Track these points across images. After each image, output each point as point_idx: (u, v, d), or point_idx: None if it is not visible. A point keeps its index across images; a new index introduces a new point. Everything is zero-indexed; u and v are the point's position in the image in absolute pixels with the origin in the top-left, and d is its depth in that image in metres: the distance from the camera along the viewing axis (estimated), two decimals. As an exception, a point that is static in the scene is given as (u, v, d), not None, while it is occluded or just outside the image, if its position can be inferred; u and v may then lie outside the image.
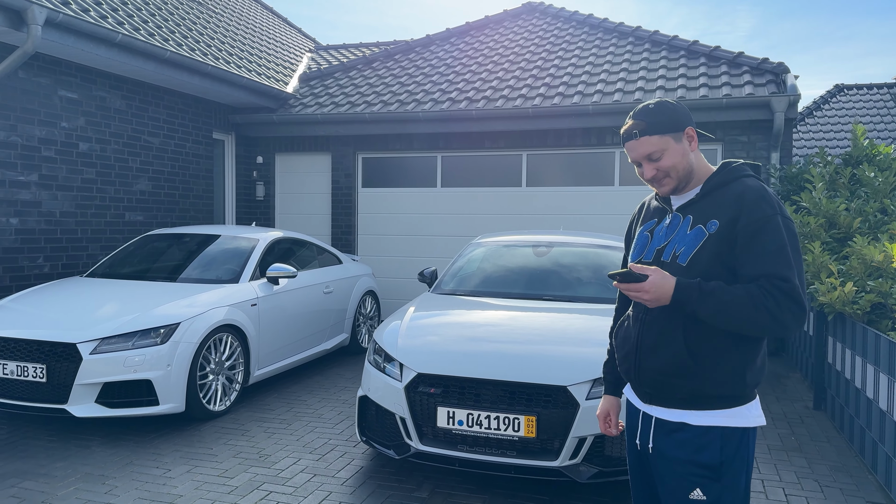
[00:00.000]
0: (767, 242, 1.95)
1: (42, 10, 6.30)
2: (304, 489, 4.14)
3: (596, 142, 8.97)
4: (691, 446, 2.03)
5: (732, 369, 2.01)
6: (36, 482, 4.17)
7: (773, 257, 1.94)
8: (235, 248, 6.50)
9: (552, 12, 12.34)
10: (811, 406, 6.02)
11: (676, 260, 2.08)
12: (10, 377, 4.96)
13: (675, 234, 2.12)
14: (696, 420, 2.03)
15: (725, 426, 2.02)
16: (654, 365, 2.08)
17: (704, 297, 1.95)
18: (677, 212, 2.16)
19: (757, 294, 1.92)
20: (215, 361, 5.48)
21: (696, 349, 2.02)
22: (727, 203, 2.03)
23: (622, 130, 2.16)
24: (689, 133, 2.12)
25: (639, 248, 2.23)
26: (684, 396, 2.05)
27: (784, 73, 8.56)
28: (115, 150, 8.17)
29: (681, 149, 2.11)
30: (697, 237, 2.05)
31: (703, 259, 2.02)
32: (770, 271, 1.93)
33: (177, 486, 4.16)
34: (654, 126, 2.09)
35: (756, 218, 1.97)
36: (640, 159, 2.12)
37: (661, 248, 2.15)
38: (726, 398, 2.03)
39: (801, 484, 4.32)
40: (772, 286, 1.92)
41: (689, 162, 2.12)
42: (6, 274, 6.90)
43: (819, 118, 16.04)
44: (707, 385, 2.02)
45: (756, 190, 2.02)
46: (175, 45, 8.32)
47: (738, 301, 1.93)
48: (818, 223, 6.11)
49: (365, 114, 9.53)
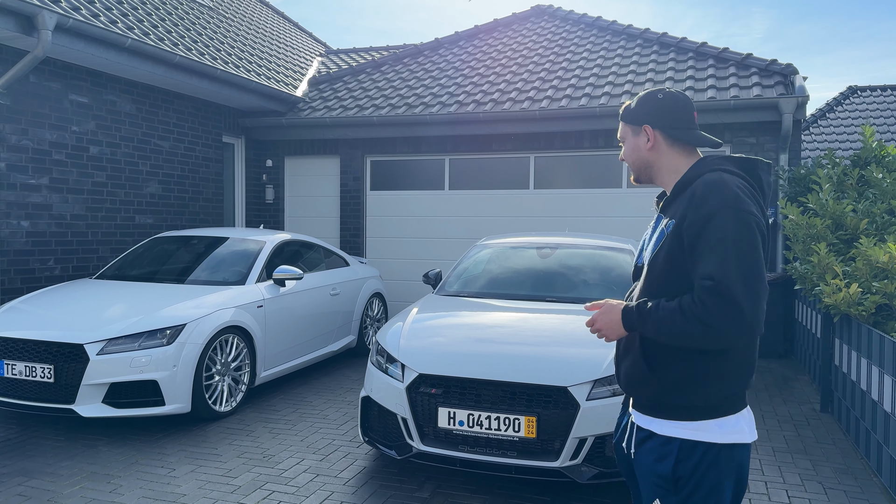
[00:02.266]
0: (706, 241, 1.81)
1: (52, 16, 6.39)
2: (306, 489, 4.17)
3: (603, 144, 8.96)
4: (654, 454, 1.97)
5: (688, 379, 1.90)
6: (42, 481, 4.22)
7: (707, 255, 1.79)
8: (243, 251, 6.55)
9: (561, 15, 12.35)
10: (818, 408, 5.98)
11: (646, 261, 2.07)
12: (19, 377, 5.03)
13: (653, 234, 2.10)
14: (661, 429, 1.96)
15: (685, 438, 1.90)
16: (622, 369, 2.08)
17: (643, 318, 1.89)
18: (660, 213, 2.10)
19: (687, 303, 1.79)
20: (221, 362, 5.53)
21: (650, 356, 1.96)
22: (684, 202, 1.93)
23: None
24: (646, 130, 2.08)
25: (640, 251, 2.20)
26: (648, 403, 2.01)
27: (792, 75, 8.52)
28: (126, 153, 8.26)
29: (634, 142, 2.12)
30: (658, 239, 2.01)
31: (659, 263, 1.96)
32: (698, 272, 1.80)
33: (181, 485, 4.20)
34: (626, 113, 2.16)
35: (699, 216, 1.84)
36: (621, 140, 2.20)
37: (646, 252, 2.11)
38: (688, 409, 1.92)
39: (805, 486, 4.30)
40: (700, 288, 1.77)
41: (643, 158, 2.11)
42: (17, 276, 6.99)
43: (832, 120, 15.92)
44: (664, 393, 1.95)
45: (708, 184, 1.88)
46: (185, 49, 8.41)
47: (671, 315, 1.82)
48: (825, 224, 6.07)
49: (373, 117, 9.57)
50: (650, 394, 1.98)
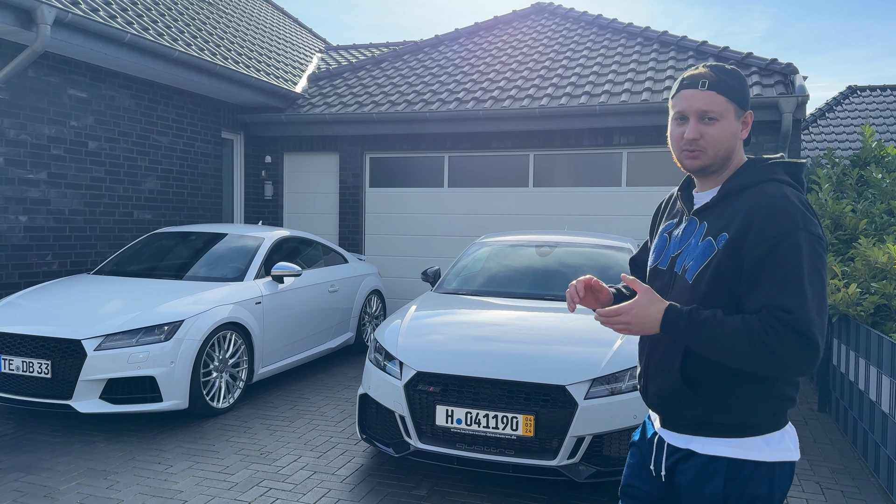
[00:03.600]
0: (778, 266, 1.65)
1: (51, 10, 6.37)
2: (303, 486, 4.16)
3: (603, 142, 8.95)
4: (698, 477, 1.81)
5: (737, 399, 1.77)
6: (39, 476, 4.21)
7: (781, 284, 1.64)
8: (241, 247, 6.54)
9: (561, 13, 12.33)
10: (816, 408, 5.99)
11: (685, 274, 1.83)
12: (16, 373, 5.02)
13: (688, 242, 1.87)
14: (702, 448, 1.82)
15: (733, 458, 1.77)
16: (655, 388, 1.90)
17: (694, 328, 1.70)
18: (694, 215, 1.89)
19: (756, 328, 1.63)
20: (219, 359, 5.52)
21: (693, 377, 1.81)
22: (740, 213, 1.75)
23: (688, 73, 1.84)
24: (746, 118, 1.85)
25: (657, 250, 2.00)
26: (688, 422, 1.84)
27: (793, 74, 8.51)
28: (124, 148, 8.24)
29: (734, 127, 1.82)
30: (706, 251, 1.79)
31: (707, 278, 1.77)
32: (773, 301, 1.64)
33: (177, 481, 4.19)
34: (727, 87, 1.80)
35: (767, 237, 1.67)
36: (693, 113, 1.80)
37: (676, 256, 1.90)
38: (734, 427, 1.79)
39: (802, 486, 4.30)
40: (773, 318, 1.62)
41: (731, 147, 1.82)
42: (15, 271, 6.97)
43: (832, 119, 15.93)
44: (708, 413, 1.80)
45: (774, 200, 1.70)
46: (184, 44, 8.38)
47: (732, 335, 1.65)
48: (824, 224, 6.07)
49: (373, 114, 9.56)
50: (690, 414, 1.83)
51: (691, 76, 1.83)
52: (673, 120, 1.87)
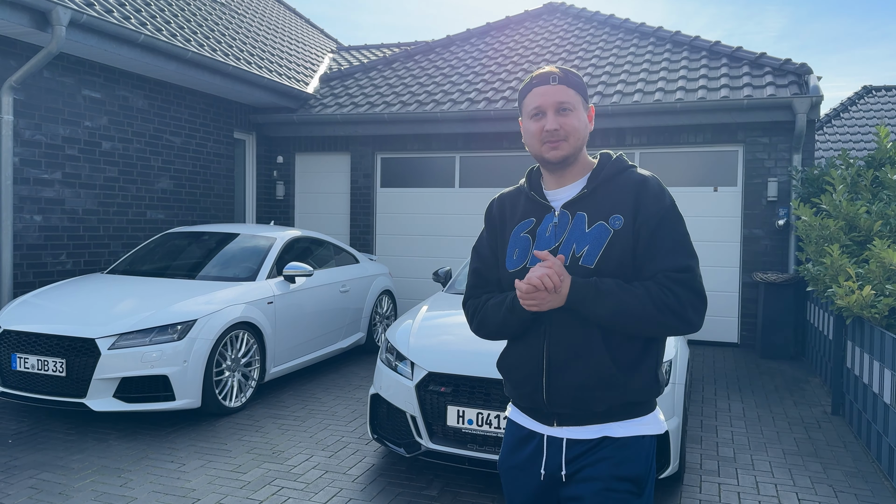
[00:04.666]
0: (668, 234, 1.82)
1: (66, 11, 6.42)
2: (315, 485, 4.18)
3: (615, 142, 8.93)
4: (613, 460, 1.82)
5: (650, 372, 1.85)
6: (53, 474, 4.25)
7: (675, 249, 1.81)
8: (253, 247, 6.57)
9: (573, 13, 12.30)
10: (829, 411, 5.94)
11: (579, 262, 1.84)
12: (31, 371, 5.07)
13: (566, 234, 1.87)
14: (618, 431, 1.84)
15: (645, 434, 1.86)
16: (571, 381, 1.83)
17: (602, 296, 1.76)
18: (564, 209, 1.91)
19: (656, 291, 1.77)
20: (231, 358, 5.55)
21: (620, 356, 1.82)
22: (625, 196, 1.86)
23: (535, 74, 1.93)
24: (590, 112, 1.97)
25: (521, 251, 1.93)
26: (604, 409, 1.84)
27: (807, 74, 8.46)
28: (138, 148, 8.29)
29: (584, 118, 1.92)
30: (601, 235, 1.84)
31: (614, 258, 1.82)
32: (670, 264, 1.80)
33: (190, 479, 4.22)
34: (573, 82, 1.91)
35: (655, 211, 1.83)
36: (550, 107, 1.87)
37: (553, 251, 1.88)
38: (644, 404, 1.87)
39: (815, 489, 4.27)
40: (671, 280, 1.78)
41: (586, 137, 1.93)
42: (30, 270, 7.03)
43: (846, 120, 15.81)
44: (630, 393, 1.83)
45: (650, 181, 1.88)
46: (197, 45, 8.43)
47: (637, 300, 1.76)
48: (838, 226, 6.03)
49: (384, 114, 9.57)
50: (614, 398, 1.82)
51: (540, 75, 1.92)
52: (529, 118, 1.92)
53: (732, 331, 8.77)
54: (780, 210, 8.33)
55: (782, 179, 8.35)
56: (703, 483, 4.34)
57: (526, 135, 1.95)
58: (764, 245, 8.47)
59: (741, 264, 8.61)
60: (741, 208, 8.61)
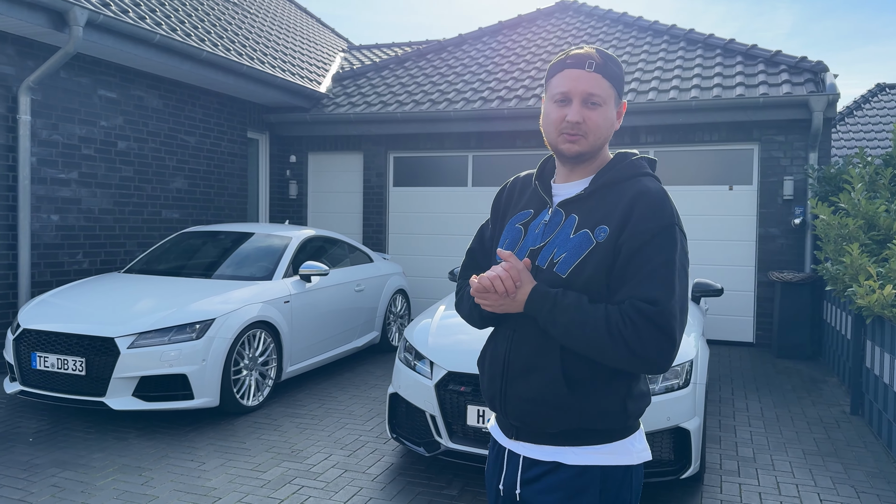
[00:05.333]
0: (650, 258, 1.60)
1: (83, 12, 6.45)
2: (335, 484, 4.18)
3: (629, 140, 8.90)
4: (565, 490, 1.66)
5: (613, 400, 1.66)
6: (75, 472, 4.27)
7: (651, 275, 1.58)
8: (269, 246, 6.59)
9: (586, 10, 12.26)
10: (848, 411, 5.91)
11: (554, 268, 1.68)
12: (51, 370, 5.09)
13: (553, 234, 1.72)
14: (572, 458, 1.67)
15: (606, 465, 1.66)
16: (522, 392, 1.69)
17: (558, 311, 1.60)
18: (559, 207, 1.75)
19: (615, 317, 1.56)
20: (249, 357, 5.56)
21: (575, 376, 1.64)
22: (620, 206, 1.66)
23: (573, 52, 1.71)
24: (621, 108, 1.77)
25: (510, 242, 1.80)
26: (557, 431, 1.68)
27: (823, 72, 8.40)
28: (153, 148, 8.33)
29: (612, 115, 1.73)
30: (582, 244, 1.66)
31: (587, 272, 1.63)
32: (638, 292, 1.58)
33: (211, 478, 4.23)
34: (611, 72, 1.70)
35: (644, 229, 1.61)
36: (578, 96, 1.67)
37: (537, 250, 1.73)
38: (606, 432, 1.68)
39: (837, 489, 4.24)
40: (634, 309, 1.55)
41: (609, 136, 1.74)
42: (47, 269, 7.07)
43: (860, 118, 15.71)
44: (584, 419, 1.65)
45: (653, 194, 1.65)
46: (211, 45, 8.45)
47: (593, 323, 1.57)
48: (857, 224, 5.99)
49: (397, 113, 9.57)
50: (565, 421, 1.66)
51: (577, 56, 1.69)
52: (553, 101, 1.71)
53: (748, 330, 8.73)
54: (796, 209, 8.28)
55: (798, 178, 8.30)
56: (724, 483, 4.32)
57: (545, 119, 1.75)
58: (779, 244, 8.42)
59: (756, 263, 8.57)
60: (756, 207, 8.56)
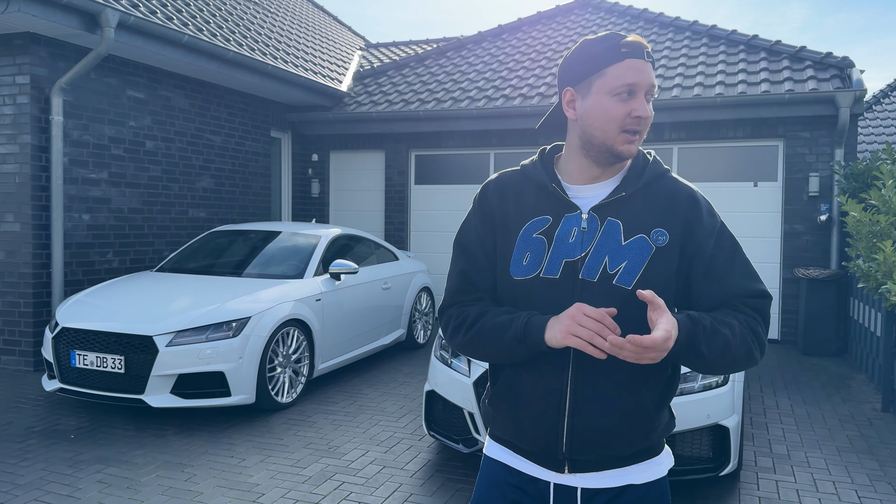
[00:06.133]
0: (732, 255, 1.56)
1: (115, 13, 6.52)
2: (374, 480, 4.23)
3: (653, 137, 8.89)
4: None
5: (668, 404, 1.61)
6: (119, 468, 4.34)
7: (743, 272, 1.55)
8: (299, 245, 6.64)
9: (605, 7, 12.24)
10: (879, 408, 5.90)
11: (613, 280, 1.51)
12: (90, 368, 5.17)
13: (595, 242, 1.54)
14: (642, 476, 1.57)
15: (662, 477, 1.60)
16: (597, 424, 1.52)
17: (709, 336, 1.44)
18: (593, 212, 1.56)
19: (746, 322, 1.50)
20: (283, 355, 5.62)
21: (655, 392, 1.55)
22: (676, 208, 1.56)
23: (628, 39, 1.52)
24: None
25: (535, 256, 1.56)
26: (630, 453, 1.56)
27: (849, 68, 8.36)
28: (179, 148, 8.40)
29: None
30: (643, 250, 1.52)
31: (653, 280, 1.51)
32: (747, 290, 1.53)
33: (252, 474, 4.29)
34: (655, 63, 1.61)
35: (712, 228, 1.56)
36: (644, 89, 1.52)
37: (577, 261, 1.54)
38: (661, 442, 1.62)
39: (875, 486, 4.25)
40: (752, 309, 1.53)
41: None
42: (79, 268, 7.16)
43: (879, 112, 15.59)
44: (658, 432, 1.58)
45: (698, 193, 1.61)
46: (236, 45, 8.52)
47: (740, 336, 1.47)
48: (889, 221, 5.96)
49: (419, 111, 9.61)
50: (642, 442, 1.56)
51: (633, 45, 1.51)
52: (612, 95, 1.51)
53: (773, 327, 8.71)
54: (822, 205, 8.25)
55: (824, 174, 8.27)
56: (761, 480, 4.33)
57: (603, 115, 1.52)
58: (805, 240, 8.40)
59: (782, 260, 8.55)
60: (781, 203, 8.54)
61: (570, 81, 1.58)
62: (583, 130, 1.56)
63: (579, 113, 1.57)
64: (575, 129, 1.60)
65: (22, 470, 4.30)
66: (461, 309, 1.64)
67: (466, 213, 1.61)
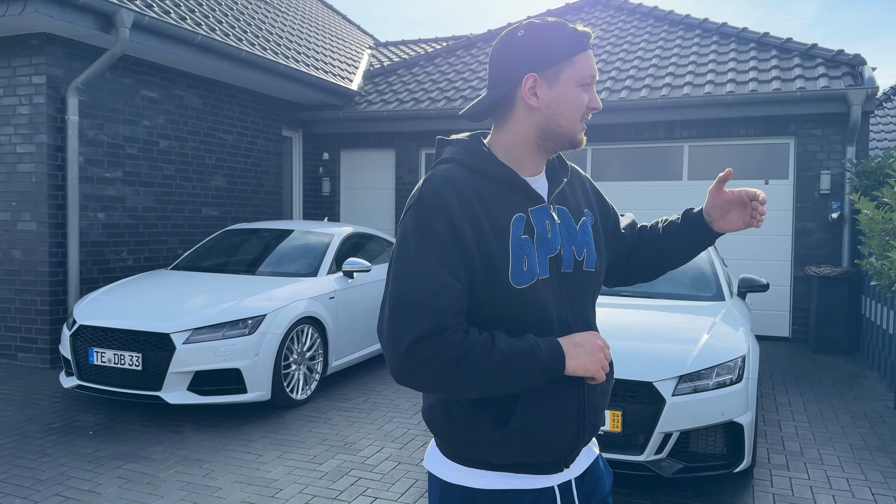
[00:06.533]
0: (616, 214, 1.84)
1: (130, 14, 6.58)
2: (390, 476, 4.27)
3: (663, 135, 8.90)
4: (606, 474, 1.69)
5: None
6: (138, 464, 4.40)
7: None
8: (313, 243, 6.69)
9: (615, 4, 12.24)
10: (892, 405, 5.90)
11: (582, 267, 1.54)
12: (108, 365, 5.23)
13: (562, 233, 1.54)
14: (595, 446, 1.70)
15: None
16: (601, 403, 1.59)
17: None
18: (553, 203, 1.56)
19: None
20: (297, 352, 5.67)
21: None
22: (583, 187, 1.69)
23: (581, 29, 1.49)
24: None
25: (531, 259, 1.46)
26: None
27: (861, 65, 8.35)
28: (193, 147, 8.46)
29: None
30: (588, 233, 1.60)
31: (603, 257, 1.65)
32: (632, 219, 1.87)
33: (269, 470, 4.34)
34: None
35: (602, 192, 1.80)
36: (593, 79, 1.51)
37: (557, 255, 1.51)
38: None
39: (888, 484, 4.26)
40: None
41: None
42: (94, 266, 7.23)
43: (889, 109, 15.52)
44: None
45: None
46: (248, 44, 8.57)
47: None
48: (901, 219, 5.96)
49: (429, 110, 9.64)
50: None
51: (586, 35, 1.49)
52: (577, 84, 1.47)
53: (784, 325, 8.71)
54: (834, 203, 8.24)
55: (835, 172, 8.26)
56: (774, 477, 4.35)
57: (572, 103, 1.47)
58: (816, 238, 8.39)
59: (793, 258, 8.55)
60: (793, 201, 8.54)
61: (532, 67, 1.46)
62: (547, 120, 1.48)
63: (545, 101, 1.47)
64: (532, 119, 1.48)
65: (43, 466, 4.36)
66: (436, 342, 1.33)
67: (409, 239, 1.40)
